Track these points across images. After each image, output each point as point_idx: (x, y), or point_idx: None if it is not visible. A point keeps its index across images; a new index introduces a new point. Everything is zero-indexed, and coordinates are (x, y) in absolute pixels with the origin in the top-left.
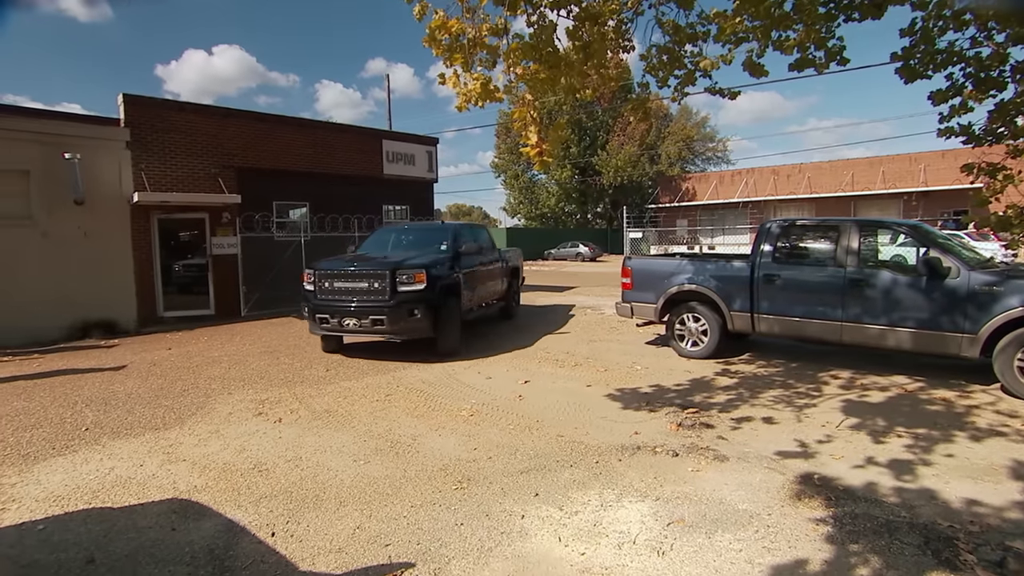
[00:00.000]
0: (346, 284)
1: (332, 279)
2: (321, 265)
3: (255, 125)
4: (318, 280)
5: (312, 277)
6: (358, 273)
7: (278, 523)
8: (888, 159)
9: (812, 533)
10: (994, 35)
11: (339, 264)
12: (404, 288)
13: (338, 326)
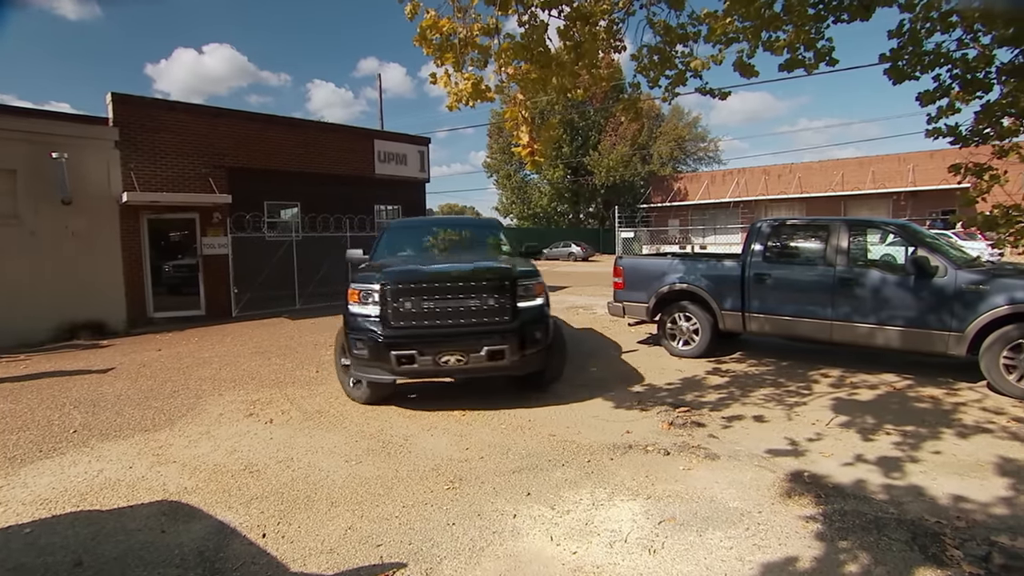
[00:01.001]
0: (442, 302)
1: (419, 295)
2: (396, 274)
3: (246, 125)
4: (393, 297)
5: (378, 294)
6: (465, 284)
7: (269, 524)
8: (878, 159)
9: (802, 530)
10: (980, 37)
11: (427, 272)
12: (524, 304)
13: (432, 365)
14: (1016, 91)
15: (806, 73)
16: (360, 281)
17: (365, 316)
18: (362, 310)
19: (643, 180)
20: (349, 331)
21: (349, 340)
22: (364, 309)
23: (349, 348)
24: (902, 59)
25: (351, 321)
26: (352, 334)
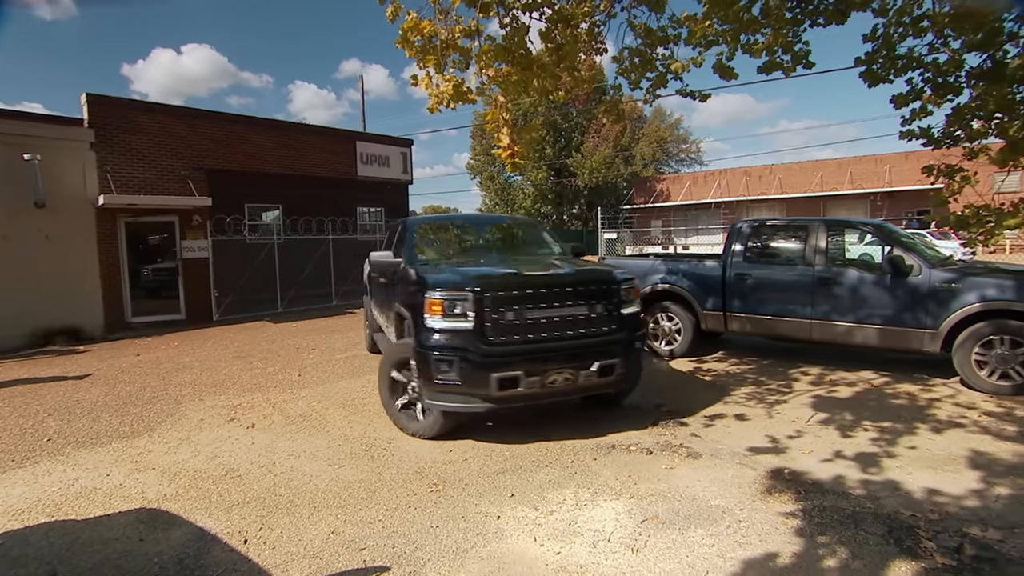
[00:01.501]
0: (548, 312)
1: (522, 304)
2: (492, 278)
3: (226, 126)
4: (493, 307)
5: (472, 303)
6: (573, 290)
7: (251, 530)
8: (855, 160)
9: (782, 526)
10: (950, 41)
11: (530, 277)
12: (628, 311)
13: (538, 387)
14: (984, 94)
15: (784, 76)
16: (443, 287)
17: (453, 331)
18: (448, 324)
19: (626, 181)
20: (427, 350)
21: (429, 362)
22: (451, 323)
23: (425, 371)
24: (876, 62)
25: (428, 338)
26: (434, 354)
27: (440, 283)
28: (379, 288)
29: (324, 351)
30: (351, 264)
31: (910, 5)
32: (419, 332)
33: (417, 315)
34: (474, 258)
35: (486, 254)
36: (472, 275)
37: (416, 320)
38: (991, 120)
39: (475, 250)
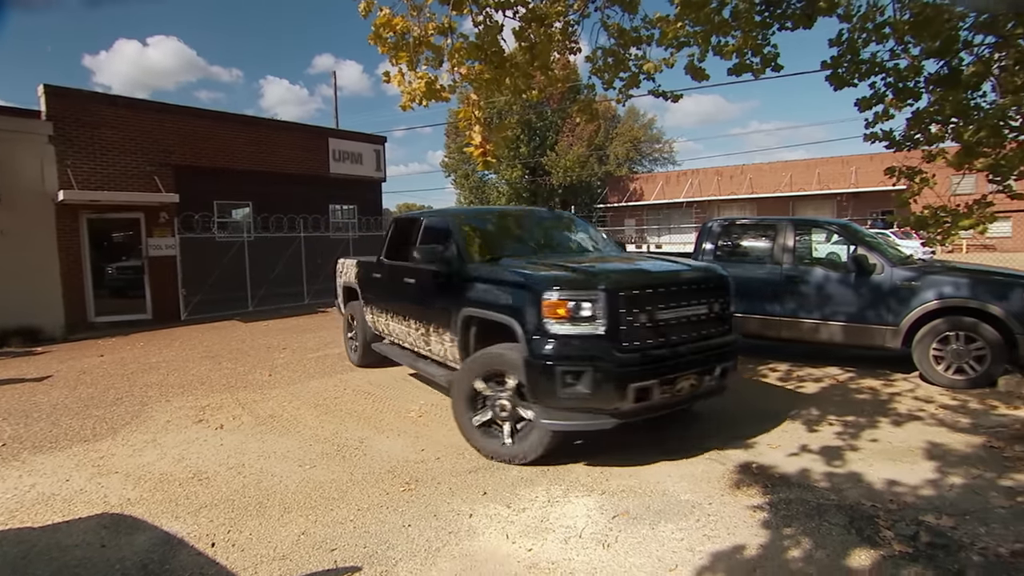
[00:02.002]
0: (676, 312)
1: (653, 304)
2: (621, 275)
3: (194, 121)
4: (627, 308)
5: (603, 304)
6: (697, 288)
7: (219, 533)
8: (823, 161)
9: (750, 519)
10: (910, 48)
11: (659, 274)
12: (733, 309)
13: (669, 397)
14: (942, 100)
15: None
16: (566, 287)
17: (581, 337)
18: (574, 329)
19: (600, 180)
20: (550, 360)
21: (552, 373)
22: (577, 327)
23: (544, 385)
24: (842, 66)
25: (550, 346)
26: (560, 364)
27: (561, 282)
28: (395, 293)
29: (295, 350)
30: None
31: (873, 12)
32: (535, 340)
33: (531, 320)
34: (547, 255)
35: (556, 251)
36: (598, 272)
37: (529, 326)
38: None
39: (539, 246)
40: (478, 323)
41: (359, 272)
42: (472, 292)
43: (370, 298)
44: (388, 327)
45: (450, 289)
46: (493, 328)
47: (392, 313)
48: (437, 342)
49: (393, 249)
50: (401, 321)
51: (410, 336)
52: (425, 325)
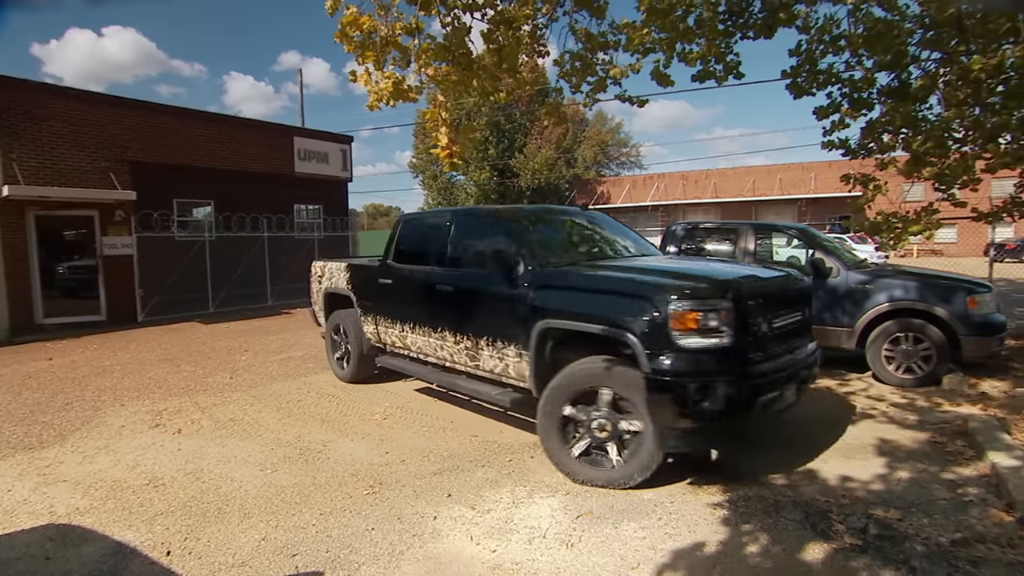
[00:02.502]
0: (786, 320)
1: (771, 312)
2: (742, 281)
3: (153, 117)
4: (752, 317)
5: (731, 313)
6: (800, 294)
7: (175, 541)
8: (784, 167)
9: (710, 517)
10: (864, 61)
11: (773, 279)
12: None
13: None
14: (892, 111)
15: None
16: (693, 296)
17: (709, 350)
18: (700, 341)
19: (568, 183)
20: (680, 377)
21: (683, 390)
22: (703, 340)
23: (670, 404)
24: (801, 76)
25: (674, 361)
26: (689, 380)
27: (689, 291)
28: (417, 301)
29: (258, 353)
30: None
31: (830, 25)
32: (658, 354)
33: (653, 332)
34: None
35: (617, 253)
36: (722, 280)
37: (650, 339)
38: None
39: (597, 248)
40: (560, 336)
41: (353, 277)
42: (552, 301)
43: (371, 306)
44: (404, 339)
45: (516, 298)
46: (577, 341)
47: (412, 323)
48: (493, 357)
49: (405, 252)
50: (428, 333)
51: (443, 350)
52: (472, 338)
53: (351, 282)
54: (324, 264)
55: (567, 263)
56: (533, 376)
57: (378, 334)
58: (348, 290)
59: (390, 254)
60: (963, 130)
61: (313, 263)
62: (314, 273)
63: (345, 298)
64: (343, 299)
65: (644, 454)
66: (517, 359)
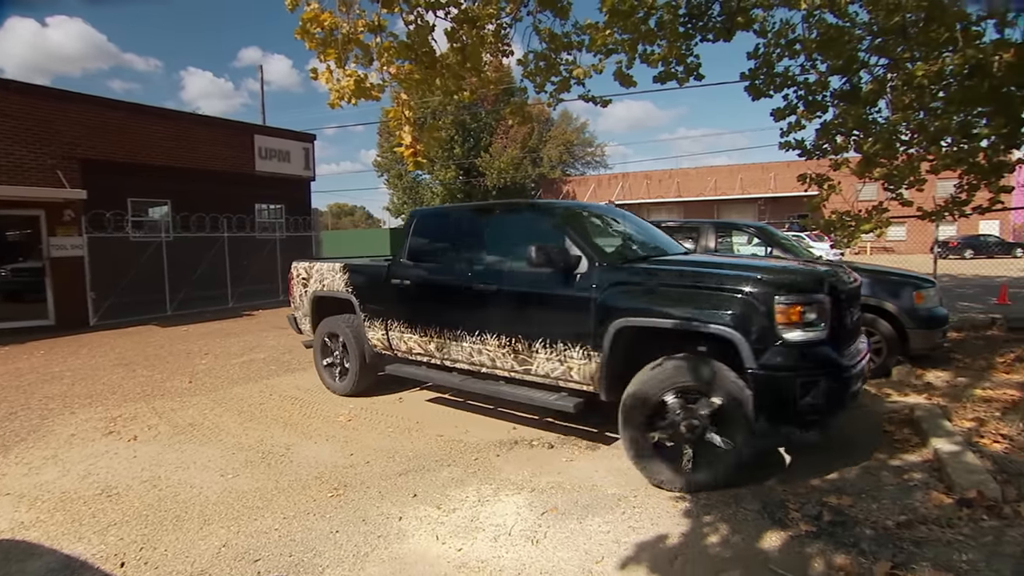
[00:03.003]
0: (855, 312)
1: (854, 306)
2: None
3: (104, 112)
4: (844, 310)
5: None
6: (857, 290)
7: (129, 551)
8: (745, 167)
9: (672, 510)
10: (818, 64)
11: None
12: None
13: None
14: (845, 114)
15: (678, 85)
16: (796, 289)
17: (809, 343)
18: (803, 335)
19: (534, 182)
20: (788, 371)
21: (788, 385)
22: (804, 334)
23: (778, 400)
24: (758, 78)
25: (781, 355)
26: (796, 375)
27: (790, 285)
28: (448, 303)
29: (219, 356)
30: (251, 264)
31: (785, 29)
32: (764, 348)
33: (757, 327)
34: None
35: (664, 249)
36: (814, 273)
37: (755, 334)
38: (850, 136)
39: (645, 246)
40: (637, 334)
41: (354, 279)
42: (630, 299)
43: (380, 311)
44: (427, 345)
45: (582, 297)
46: (649, 341)
47: (438, 327)
48: (551, 360)
49: (424, 251)
50: (462, 337)
51: (481, 355)
52: (524, 341)
53: (352, 284)
54: (311, 265)
55: (627, 260)
56: (604, 378)
57: (388, 341)
58: (347, 293)
59: (403, 253)
60: (909, 133)
61: (295, 264)
62: (296, 275)
63: (341, 302)
64: (339, 303)
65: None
66: (584, 361)
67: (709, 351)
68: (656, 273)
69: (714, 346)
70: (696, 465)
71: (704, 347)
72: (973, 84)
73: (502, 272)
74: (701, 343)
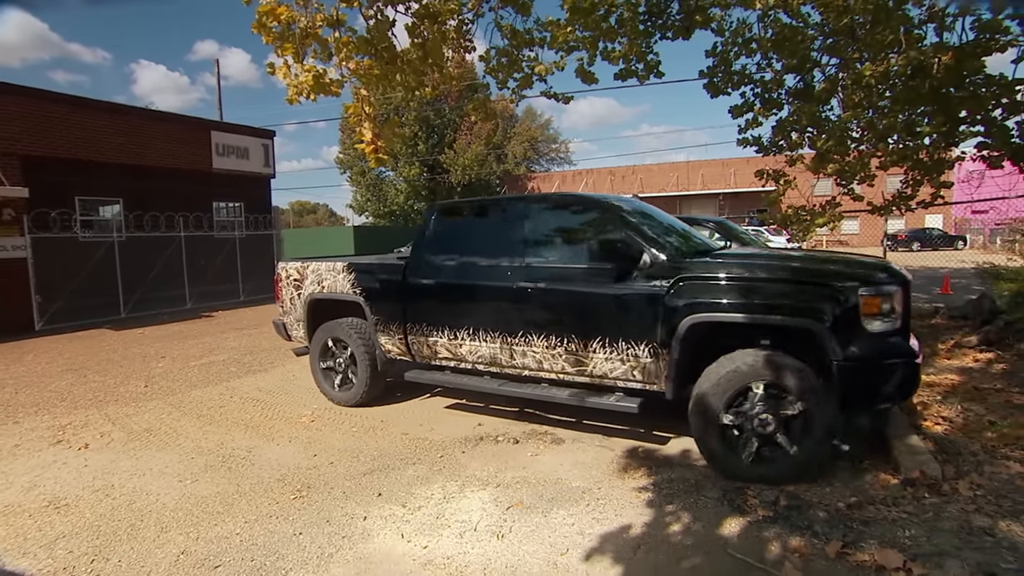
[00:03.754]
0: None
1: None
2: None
3: (46, 106)
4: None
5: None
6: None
7: (79, 564)
8: (706, 163)
9: (635, 500)
10: (773, 63)
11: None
12: None
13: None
14: (799, 111)
15: (639, 83)
16: (875, 281)
17: (888, 333)
18: (883, 326)
19: (499, 179)
20: (874, 361)
21: (875, 374)
22: (884, 324)
23: (862, 390)
24: (717, 76)
25: (866, 346)
26: (881, 364)
27: (870, 277)
28: (484, 302)
29: (176, 359)
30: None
31: (742, 28)
32: (849, 340)
33: (843, 319)
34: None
35: (708, 245)
36: (885, 265)
37: (840, 325)
38: (804, 133)
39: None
40: (712, 330)
41: (362, 279)
42: (703, 294)
43: (397, 313)
44: (459, 348)
45: (647, 292)
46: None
47: (473, 330)
48: (612, 360)
49: (448, 248)
50: (502, 340)
51: (526, 356)
52: (579, 341)
53: (359, 285)
54: (304, 265)
55: (688, 254)
56: (674, 376)
57: (407, 345)
58: (355, 295)
59: (423, 250)
60: (859, 130)
61: (283, 265)
62: (286, 277)
63: (345, 305)
64: (342, 306)
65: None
66: (650, 359)
67: (773, 345)
68: (726, 267)
69: (780, 340)
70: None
71: (767, 341)
72: (916, 84)
73: (550, 269)
74: (767, 337)
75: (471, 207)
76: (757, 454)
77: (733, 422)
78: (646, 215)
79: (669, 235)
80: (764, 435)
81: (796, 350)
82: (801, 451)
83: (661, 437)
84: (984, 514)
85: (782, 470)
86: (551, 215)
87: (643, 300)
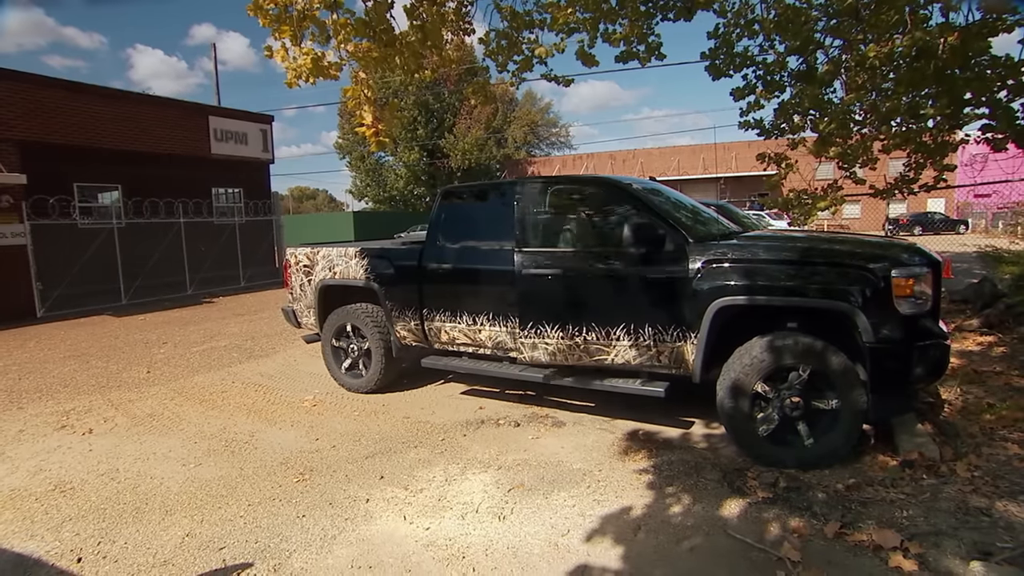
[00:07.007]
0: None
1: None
2: (925, 252)
3: (43, 92)
4: (935, 280)
5: (930, 280)
6: None
7: (87, 546)
8: (707, 147)
9: (636, 482)
10: (776, 45)
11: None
12: None
13: None
14: (801, 94)
15: (640, 65)
16: (907, 263)
17: (918, 316)
18: (914, 308)
19: (499, 163)
20: (906, 343)
21: (906, 357)
22: (915, 307)
23: (894, 372)
24: (719, 58)
25: (898, 328)
26: (913, 346)
27: (901, 259)
28: (504, 287)
29: (178, 344)
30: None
31: (744, 9)
32: (882, 322)
33: (874, 301)
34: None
35: (716, 223)
36: (916, 248)
37: (871, 307)
38: (807, 116)
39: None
40: (739, 313)
41: (377, 265)
42: (731, 277)
43: (413, 299)
44: (477, 335)
45: (674, 276)
46: (746, 318)
47: (493, 315)
48: (636, 346)
49: (461, 233)
50: (524, 326)
51: (545, 342)
52: (600, 327)
53: (374, 271)
54: (314, 251)
55: (714, 237)
56: (702, 361)
57: (424, 332)
58: (367, 281)
59: (437, 235)
60: (862, 113)
61: (292, 250)
62: (295, 262)
63: (357, 291)
64: (353, 292)
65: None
66: (678, 342)
67: (800, 328)
68: (753, 250)
69: (807, 323)
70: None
71: (794, 324)
72: (920, 66)
73: (570, 254)
74: (793, 320)
75: (484, 190)
76: (773, 433)
77: (766, 392)
78: (671, 199)
79: (695, 218)
80: (788, 417)
81: (823, 333)
82: (817, 446)
83: (662, 420)
84: (981, 495)
85: (789, 457)
86: (573, 198)
87: (672, 284)
